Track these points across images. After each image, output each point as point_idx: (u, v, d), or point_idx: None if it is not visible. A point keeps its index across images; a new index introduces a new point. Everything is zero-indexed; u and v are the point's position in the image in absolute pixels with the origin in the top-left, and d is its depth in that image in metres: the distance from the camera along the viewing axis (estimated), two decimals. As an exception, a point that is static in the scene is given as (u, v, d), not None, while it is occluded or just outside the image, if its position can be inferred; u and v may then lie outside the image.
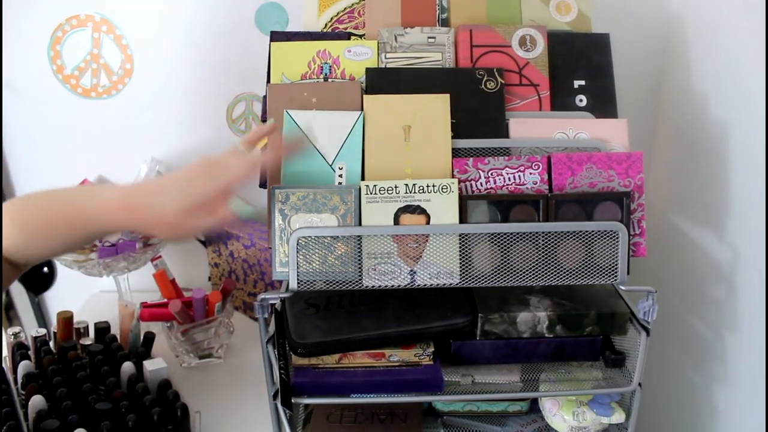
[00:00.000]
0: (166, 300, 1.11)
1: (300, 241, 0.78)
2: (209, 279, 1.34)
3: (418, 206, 0.78)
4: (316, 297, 0.88)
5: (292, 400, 0.81)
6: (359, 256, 0.78)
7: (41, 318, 1.41)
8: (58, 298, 1.42)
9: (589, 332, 0.85)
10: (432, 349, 0.85)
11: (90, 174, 1.28)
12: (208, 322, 1.10)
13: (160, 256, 1.17)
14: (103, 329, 1.09)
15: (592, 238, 0.79)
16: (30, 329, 1.11)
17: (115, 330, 1.11)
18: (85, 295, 1.39)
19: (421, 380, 0.83)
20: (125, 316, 1.11)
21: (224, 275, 1.29)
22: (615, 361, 0.86)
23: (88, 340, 1.07)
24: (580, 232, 0.79)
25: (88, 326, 1.09)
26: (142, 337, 1.08)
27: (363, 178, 0.82)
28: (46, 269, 1.38)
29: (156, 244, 1.16)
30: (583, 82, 0.91)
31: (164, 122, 1.27)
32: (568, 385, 0.86)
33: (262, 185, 0.87)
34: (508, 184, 0.82)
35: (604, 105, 0.90)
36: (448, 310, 0.84)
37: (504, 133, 0.86)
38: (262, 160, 0.77)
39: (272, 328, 0.82)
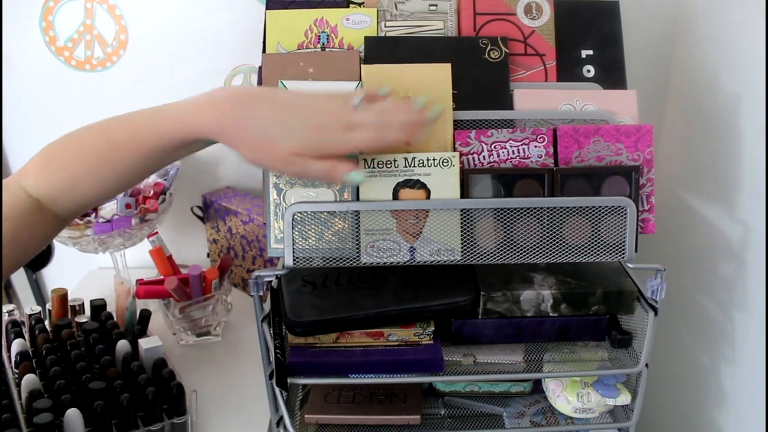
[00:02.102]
0: (162, 277, 1.09)
1: (295, 217, 0.75)
2: (208, 255, 1.32)
3: (418, 180, 0.76)
4: (313, 274, 0.86)
5: (288, 381, 0.79)
6: (357, 232, 0.76)
7: (39, 295, 1.40)
8: (57, 275, 1.41)
9: (595, 311, 0.82)
10: (432, 329, 0.82)
11: (85, 149, 1.25)
12: (206, 300, 1.09)
13: (156, 233, 1.15)
14: (99, 306, 1.08)
15: (599, 214, 0.77)
16: (27, 307, 1.09)
17: (111, 308, 1.09)
18: (83, 272, 1.37)
19: (421, 360, 0.81)
20: (121, 294, 1.09)
21: (223, 251, 1.27)
22: (621, 342, 0.84)
23: (83, 318, 1.05)
24: (587, 207, 0.77)
25: (83, 303, 1.07)
26: (138, 315, 1.06)
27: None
28: (43, 246, 1.36)
29: (152, 219, 1.14)
30: (591, 52, 0.87)
31: (161, 95, 1.21)
32: (573, 365, 0.83)
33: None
34: (511, 158, 0.79)
35: (612, 75, 0.87)
36: (449, 289, 0.81)
37: (508, 104, 0.83)
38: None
39: (268, 306, 0.80)
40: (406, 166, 0.75)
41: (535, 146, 0.79)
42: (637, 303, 0.82)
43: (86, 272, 1.37)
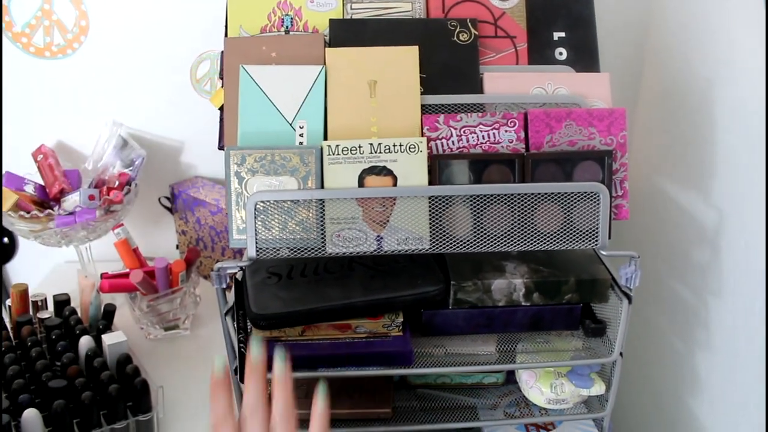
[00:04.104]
0: (128, 270, 1.06)
1: (258, 206, 0.72)
2: (177, 247, 1.29)
3: (384, 167, 0.73)
4: (278, 265, 0.83)
5: None
6: (322, 221, 0.73)
7: (3, 291, 1.36)
8: (22, 270, 1.37)
9: (568, 300, 0.81)
10: (401, 320, 0.81)
11: (48, 139, 1.22)
12: (173, 293, 1.06)
13: (121, 225, 1.11)
14: (62, 302, 1.04)
15: (572, 200, 0.75)
16: (-12, 303, 1.06)
17: (75, 303, 1.06)
18: (49, 266, 1.33)
19: (390, 353, 0.79)
20: (85, 288, 1.06)
21: (192, 243, 1.24)
22: (595, 331, 0.83)
23: (46, 314, 1.01)
24: (559, 193, 0.75)
25: (46, 299, 1.04)
26: (102, 310, 1.03)
27: (325, 138, 0.77)
28: (6, 239, 1.32)
29: (117, 211, 1.10)
30: (563, 34, 0.86)
31: (124, 84, 1.20)
32: (546, 356, 0.82)
33: (221, 147, 0.82)
34: (481, 143, 0.77)
35: (585, 58, 0.86)
36: (419, 278, 0.80)
37: (478, 88, 0.81)
38: None
39: (232, 298, 0.77)
40: (371, 152, 0.73)
41: (506, 131, 0.77)
42: (611, 291, 0.81)
43: (53, 266, 1.33)
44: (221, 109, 0.83)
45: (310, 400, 0.85)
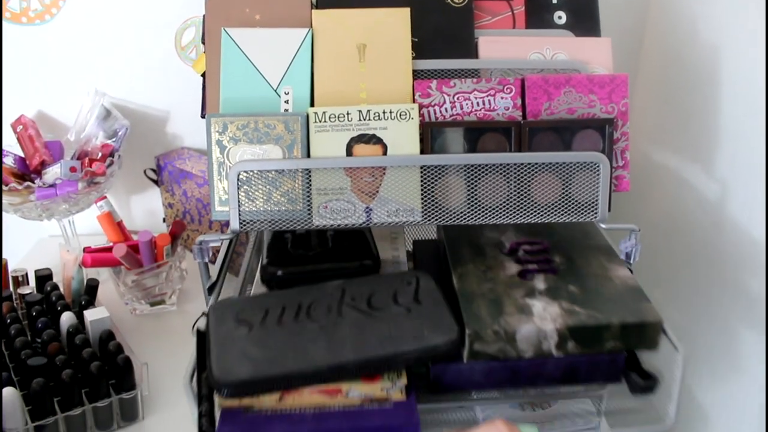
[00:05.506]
0: (111, 244, 1.03)
1: (241, 176, 0.69)
2: (164, 220, 1.26)
3: (374, 135, 0.70)
4: (250, 309, 0.71)
5: None
6: (308, 192, 0.70)
7: (-14, 266, 1.33)
8: (5, 246, 1.33)
9: (611, 348, 0.66)
10: (404, 382, 0.66)
11: (28, 109, 1.18)
12: (158, 267, 1.03)
13: (104, 197, 1.08)
14: (43, 277, 1.01)
15: (570, 171, 0.73)
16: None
17: (58, 279, 1.03)
18: (33, 241, 1.30)
19: (391, 426, 0.64)
20: (67, 263, 1.03)
21: (179, 216, 1.20)
22: (645, 388, 0.67)
23: (26, 290, 0.99)
24: (557, 163, 0.73)
25: (26, 274, 1.01)
26: (85, 285, 1.00)
27: (312, 104, 0.74)
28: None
29: (100, 183, 1.07)
30: (562, -4, 0.83)
31: (107, 51, 1.16)
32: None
33: (204, 116, 0.78)
34: (476, 110, 0.74)
35: (585, 22, 0.84)
36: (425, 326, 0.66)
37: (472, 53, 0.79)
38: None
39: (215, 272, 0.74)
40: (360, 120, 0.70)
41: (502, 98, 0.75)
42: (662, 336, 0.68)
43: (37, 241, 1.30)
44: (204, 75, 0.79)
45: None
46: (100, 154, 1.10)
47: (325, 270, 0.75)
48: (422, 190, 0.71)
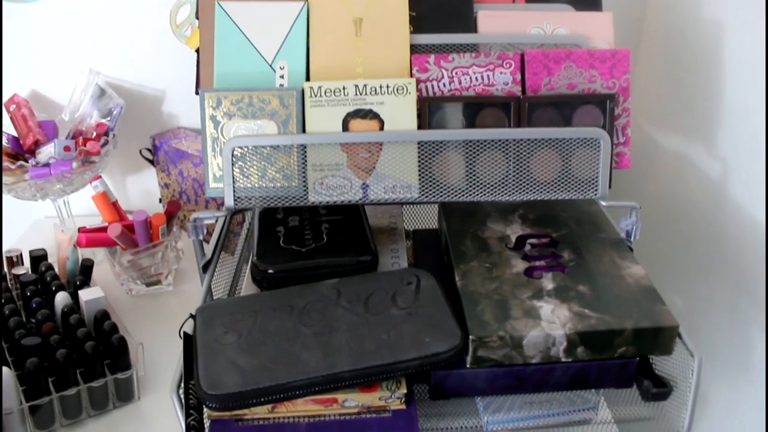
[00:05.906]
0: (106, 224, 1.02)
1: (235, 152, 0.68)
2: (160, 201, 1.25)
3: (370, 110, 0.69)
4: (238, 313, 0.67)
5: None
6: (304, 168, 0.69)
7: (-19, 247, 1.32)
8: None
9: (622, 354, 0.64)
10: (404, 391, 0.63)
11: (21, 88, 1.17)
12: (154, 247, 1.02)
13: (99, 177, 1.06)
14: (38, 257, 1.00)
15: (570, 147, 0.71)
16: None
17: (53, 259, 1.02)
18: (29, 221, 1.29)
19: None
20: (62, 243, 1.02)
21: (175, 196, 1.19)
22: (657, 395, 0.65)
23: (21, 270, 0.98)
24: (557, 139, 0.71)
25: (21, 254, 1.00)
26: (80, 265, 0.99)
27: (307, 79, 0.73)
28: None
29: (95, 163, 1.05)
30: (563, -31, 0.81)
31: (101, 29, 1.14)
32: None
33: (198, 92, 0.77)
34: (475, 85, 0.73)
35: None
36: (425, 333, 0.62)
37: (471, 27, 0.77)
38: None
39: (210, 251, 0.73)
40: (356, 95, 0.69)
41: (501, 72, 0.73)
42: (678, 341, 0.65)
43: (32, 222, 1.29)
44: (198, 51, 0.78)
45: None
46: (94, 134, 1.08)
47: (320, 267, 0.71)
48: (420, 166, 0.70)
